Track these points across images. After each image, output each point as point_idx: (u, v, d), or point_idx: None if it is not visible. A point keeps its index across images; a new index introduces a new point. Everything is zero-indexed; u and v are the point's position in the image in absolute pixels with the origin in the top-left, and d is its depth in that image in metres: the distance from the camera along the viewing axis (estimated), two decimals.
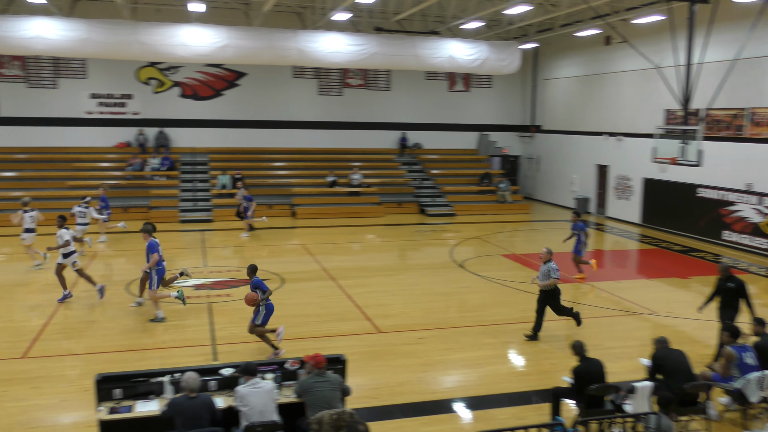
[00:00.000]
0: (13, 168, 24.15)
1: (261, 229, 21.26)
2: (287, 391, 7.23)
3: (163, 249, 11.93)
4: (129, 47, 18.72)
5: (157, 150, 25.93)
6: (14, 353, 10.01)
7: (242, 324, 11.56)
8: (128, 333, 11.05)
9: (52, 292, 13.21)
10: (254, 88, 27.10)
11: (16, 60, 24.66)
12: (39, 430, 7.65)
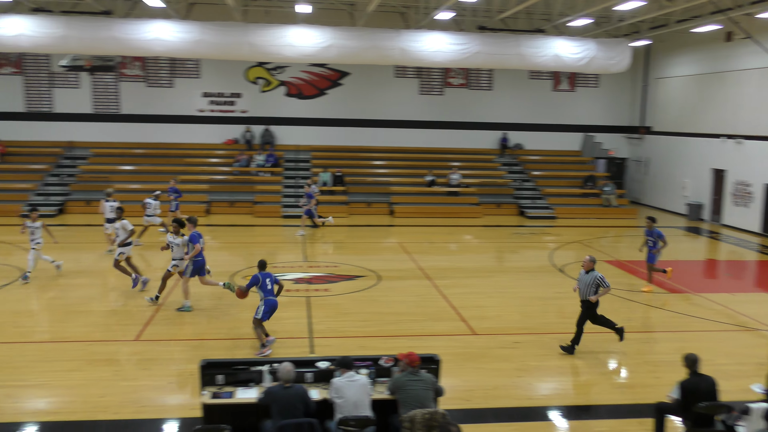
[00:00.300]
0: (132, 162, 25.77)
1: (360, 226, 21.57)
2: (380, 387, 7.28)
3: (266, 242, 12.31)
4: (239, 48, 19.49)
5: (262, 147, 26.90)
6: (128, 336, 10.66)
7: (339, 319, 11.79)
8: (231, 322, 11.49)
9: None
10: (356, 88, 27.53)
11: (136, 61, 26.34)
12: (148, 409, 8.09)
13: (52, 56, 25.58)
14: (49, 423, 7.68)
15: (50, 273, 14.29)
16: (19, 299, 12.64)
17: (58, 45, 19.02)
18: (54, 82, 26.30)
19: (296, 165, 26.59)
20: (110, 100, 26.58)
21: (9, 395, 8.34)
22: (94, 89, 26.47)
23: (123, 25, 18.93)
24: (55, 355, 9.80)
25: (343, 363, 6.97)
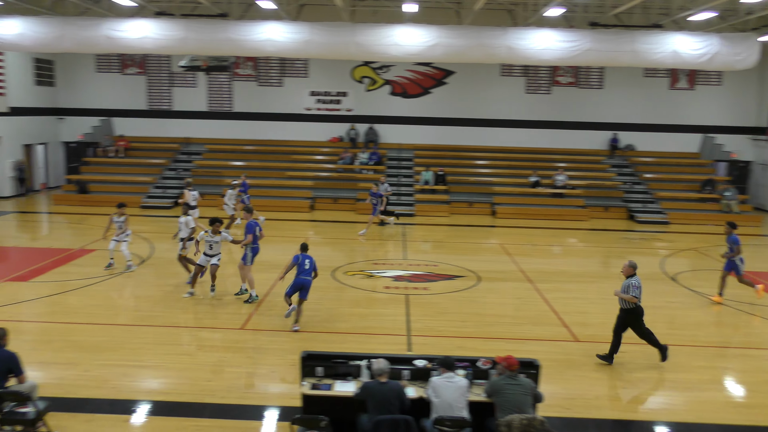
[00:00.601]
0: (242, 158, 26.88)
1: (461, 226, 21.40)
2: (477, 389, 7.17)
3: (367, 239, 12.44)
4: (346, 48, 19.83)
5: (366, 145, 27.29)
6: (234, 324, 11.12)
7: (437, 318, 11.75)
8: (332, 316, 11.72)
9: (271, 272, 14.49)
10: (461, 87, 27.35)
11: (249, 61, 27.45)
12: (251, 396, 8.40)
13: (172, 57, 27.17)
14: (160, 402, 8.14)
15: (167, 261, 15.15)
16: (138, 284, 13.48)
17: (178, 46, 20.11)
18: (173, 82, 27.91)
19: (399, 163, 26.77)
20: (224, 98, 27.88)
21: (125, 374, 8.92)
22: (210, 88, 27.86)
23: (237, 26, 19.76)
24: (167, 339, 10.38)
25: (444, 363, 6.93)
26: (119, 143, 27.06)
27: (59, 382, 8.52)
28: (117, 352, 9.74)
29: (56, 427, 7.19)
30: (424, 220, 22.73)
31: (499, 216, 23.73)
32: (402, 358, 7.74)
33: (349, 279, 14.29)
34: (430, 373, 7.26)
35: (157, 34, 19.68)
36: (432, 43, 19.44)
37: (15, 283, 13.32)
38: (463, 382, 6.84)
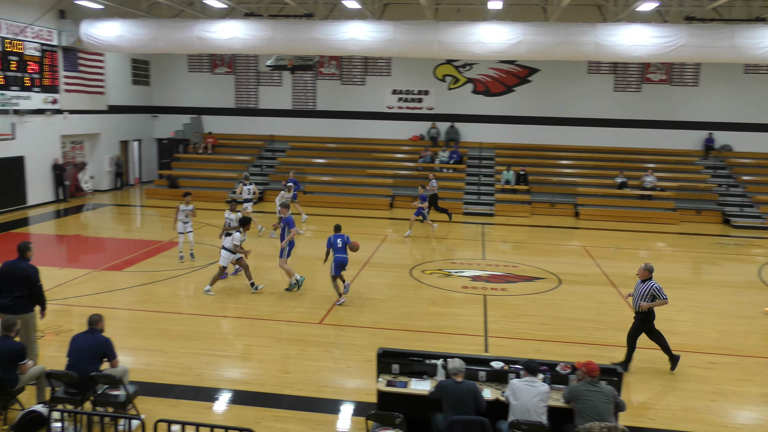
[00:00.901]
0: (324, 156, 27.32)
1: (542, 227, 20.96)
2: (555, 394, 6.99)
3: (445, 238, 12.37)
4: (429, 46, 19.81)
5: (447, 144, 27.15)
6: (313, 319, 11.31)
7: (515, 320, 11.54)
8: (408, 314, 11.73)
9: (350, 268, 14.65)
10: (546, 85, 26.76)
11: (333, 60, 27.87)
12: (327, 389, 8.52)
13: (259, 57, 27.96)
14: (240, 391, 8.38)
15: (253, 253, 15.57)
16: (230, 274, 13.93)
17: (265, 46, 20.70)
18: (260, 81, 28.72)
19: (479, 162, 26.48)
20: (308, 97, 28.44)
21: (209, 363, 9.24)
22: (294, 87, 28.49)
23: (322, 26, 20.12)
24: (248, 330, 10.69)
25: (528, 366, 6.80)
26: (208, 140, 28.12)
27: (147, 368, 8.93)
28: (201, 341, 10.12)
29: (144, 410, 7.53)
30: (504, 220, 22.38)
31: (582, 217, 23.06)
32: (478, 359, 7.65)
33: (427, 277, 14.26)
34: (507, 376, 7.14)
35: (246, 34, 20.33)
36: (516, 40, 19.15)
37: (110, 272, 14.08)
38: (544, 387, 6.67)
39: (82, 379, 7.07)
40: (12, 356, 7.16)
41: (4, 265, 8.35)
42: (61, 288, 12.73)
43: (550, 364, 7.41)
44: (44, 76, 22.25)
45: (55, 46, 22.68)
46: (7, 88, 20.35)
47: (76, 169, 25.01)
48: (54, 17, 22.32)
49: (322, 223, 20.15)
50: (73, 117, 23.91)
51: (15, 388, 7.23)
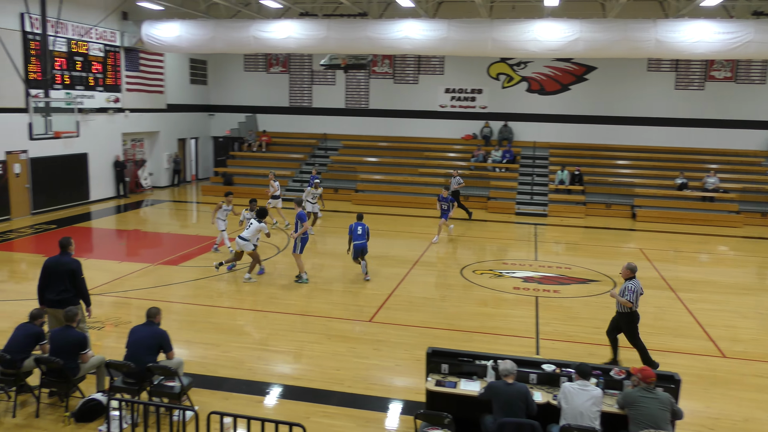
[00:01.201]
0: (376, 154, 27.40)
1: (597, 228, 20.51)
2: (609, 399, 6.82)
3: (497, 238, 12.23)
4: (483, 44, 19.62)
5: (500, 143, 26.85)
6: (363, 316, 11.35)
7: (568, 322, 11.32)
8: (458, 313, 11.65)
9: (400, 267, 14.68)
10: (603, 83, 26.17)
11: (386, 59, 27.92)
12: (376, 387, 8.53)
13: (313, 56, 28.24)
14: (290, 387, 8.47)
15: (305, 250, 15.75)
16: (274, 272, 14.11)
17: (320, 45, 20.89)
18: (314, 80, 29.00)
19: (533, 162, 26.09)
20: (361, 95, 28.57)
21: (261, 357, 9.38)
22: (347, 86, 28.65)
23: (376, 25, 20.18)
24: (299, 326, 10.80)
25: (580, 370, 6.65)
26: (262, 138, 28.58)
27: (201, 361, 9.13)
28: (253, 336, 10.29)
29: (197, 402, 7.69)
30: (558, 221, 21.99)
31: (639, 219, 22.45)
32: (529, 361, 7.53)
33: (478, 278, 14.13)
34: (560, 379, 7.00)
35: (300, 34, 20.56)
36: (573, 37, 18.79)
37: (166, 267, 14.46)
38: (597, 391, 6.52)
39: (140, 369, 7.28)
40: (74, 346, 7.43)
41: (49, 261, 8.58)
42: (120, 281, 13.15)
43: (603, 368, 7.23)
44: (107, 75, 23.02)
45: (117, 47, 23.43)
46: (72, 87, 21.13)
47: (135, 166, 25.79)
48: (117, 19, 23.06)
49: (375, 222, 20.19)
50: (133, 115, 24.66)
51: (76, 377, 7.50)
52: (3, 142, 18.74)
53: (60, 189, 21.15)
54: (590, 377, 6.70)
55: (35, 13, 17.59)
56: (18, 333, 7.66)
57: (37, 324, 7.74)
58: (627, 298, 8.93)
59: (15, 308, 10.93)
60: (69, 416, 7.32)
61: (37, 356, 7.49)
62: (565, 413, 6.42)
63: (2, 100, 18.50)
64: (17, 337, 7.62)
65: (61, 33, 20.23)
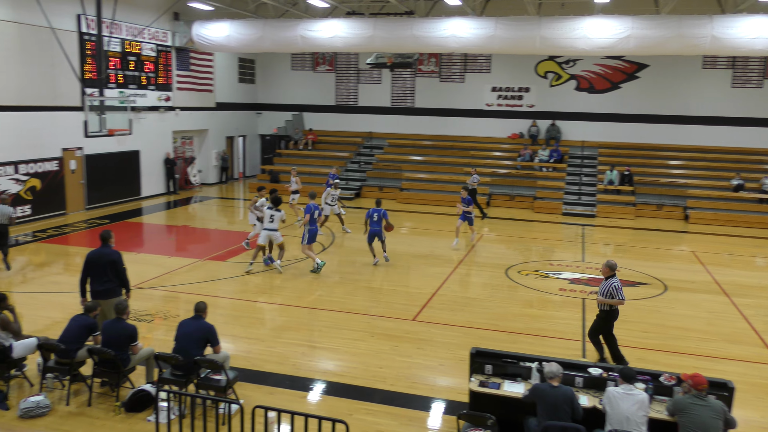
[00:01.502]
0: (421, 153, 27.34)
1: (647, 230, 20.05)
2: (657, 406, 6.65)
3: (543, 239, 12.05)
4: (531, 42, 19.36)
5: (547, 142, 26.47)
6: (407, 315, 11.33)
7: (617, 326, 11.01)
8: (503, 314, 11.53)
9: (444, 266, 14.62)
10: (655, 81, 25.52)
11: (432, 57, 27.82)
12: (419, 386, 8.51)
13: (359, 55, 28.34)
14: (334, 383, 8.52)
15: (348, 249, 15.85)
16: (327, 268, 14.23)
17: (366, 44, 20.95)
18: (360, 79, 29.11)
19: (581, 162, 25.62)
20: (406, 94, 28.55)
21: (305, 354, 9.46)
22: (393, 84, 28.67)
23: (422, 23, 20.12)
24: (343, 323, 10.85)
25: (624, 374, 6.50)
26: (308, 136, 28.83)
27: (246, 355, 9.26)
28: (298, 332, 10.38)
29: (242, 395, 7.81)
30: (606, 221, 21.55)
31: (692, 221, 21.82)
32: (575, 364, 7.39)
33: (523, 278, 13.96)
34: (606, 383, 6.86)
35: (347, 33, 20.66)
36: (625, 34, 18.38)
37: (214, 262, 14.72)
38: (643, 395, 6.36)
39: (187, 362, 7.43)
40: (125, 338, 7.63)
41: (92, 254, 8.83)
42: (169, 275, 13.45)
43: (653, 373, 7.05)
44: (159, 75, 23.57)
45: (169, 47, 23.97)
46: (125, 86, 21.71)
47: (185, 163, 26.35)
48: (169, 19, 23.58)
49: (420, 221, 20.19)
50: (183, 114, 25.19)
51: (127, 368, 7.71)
52: (60, 140, 19.41)
53: (113, 185, 21.77)
54: (635, 381, 6.54)
55: (91, 15, 18.12)
56: (72, 324, 7.91)
57: (92, 316, 7.97)
58: (620, 297, 8.87)
59: (69, 300, 11.29)
60: (119, 406, 7.52)
61: (90, 347, 7.72)
62: (611, 418, 6.30)
63: (60, 99, 19.16)
64: (72, 328, 7.87)
65: (116, 33, 20.79)
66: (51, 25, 16.49)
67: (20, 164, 18.10)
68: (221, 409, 7.26)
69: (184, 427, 6.33)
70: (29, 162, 18.41)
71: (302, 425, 5.94)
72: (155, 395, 7.10)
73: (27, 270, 14.02)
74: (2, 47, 17.25)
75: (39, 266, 14.32)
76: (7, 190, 17.45)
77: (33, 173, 18.55)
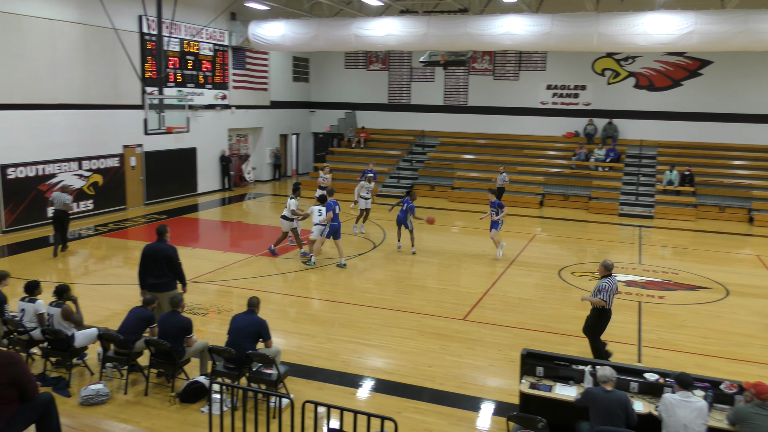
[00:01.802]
0: (474, 152, 27.11)
1: (709, 232, 19.38)
2: (717, 414, 6.41)
3: (599, 240, 11.77)
4: (588, 39, 18.94)
5: (603, 141, 25.87)
6: (457, 314, 11.26)
7: (673, 330, 10.75)
8: (555, 316, 11.33)
9: (496, 266, 14.47)
10: (720, 78, 24.60)
11: (486, 55, 27.55)
12: (468, 386, 8.44)
13: (412, 53, 28.30)
14: (383, 380, 8.53)
15: (402, 247, 15.86)
16: (370, 267, 14.28)
17: (419, 42, 20.89)
18: (412, 77, 29.07)
19: (639, 161, 24.94)
20: (459, 92, 28.36)
21: (355, 350, 9.51)
22: (446, 83, 28.52)
23: (476, 21, 19.93)
24: (393, 321, 10.86)
25: (681, 380, 6.29)
26: (361, 134, 28.97)
27: (297, 351, 9.36)
28: (348, 328, 10.44)
29: (293, 390, 7.90)
30: (665, 223, 20.93)
31: (757, 224, 20.98)
32: (630, 369, 7.20)
33: (577, 280, 13.69)
34: (663, 389, 6.65)
35: (401, 31, 20.65)
36: (687, 30, 17.80)
37: (266, 258, 14.94)
38: (702, 403, 6.14)
39: (240, 356, 7.56)
40: (180, 330, 7.82)
41: (149, 248, 9.06)
42: (223, 270, 13.72)
43: (713, 381, 6.80)
44: (216, 74, 24.07)
45: (225, 46, 24.45)
46: (183, 85, 22.26)
47: (240, 160, 26.84)
48: (226, 19, 24.05)
49: (471, 220, 20.03)
50: (239, 112, 25.66)
51: (182, 359, 7.89)
52: (121, 137, 20.05)
53: (170, 181, 22.37)
54: (692, 388, 6.32)
55: (152, 15, 18.63)
56: (131, 316, 8.15)
57: (150, 309, 8.20)
58: (601, 297, 8.70)
59: (128, 292, 11.65)
60: (174, 396, 7.71)
61: (147, 338, 7.94)
62: (668, 426, 6.10)
63: (121, 98, 19.79)
64: (130, 319, 8.11)
65: (175, 33, 21.33)
66: (114, 26, 17.03)
67: (83, 160, 18.78)
68: (272, 402, 7.36)
69: (236, 420, 6.44)
70: (92, 158, 19.09)
71: (351, 421, 5.96)
72: (208, 387, 7.25)
73: (89, 262, 14.55)
74: (68, 48, 17.94)
75: (100, 259, 14.83)
76: (71, 185, 18.13)
77: (95, 169, 19.23)
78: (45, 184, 17.46)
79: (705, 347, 10.03)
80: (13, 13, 16.29)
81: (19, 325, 8.23)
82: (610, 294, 8.74)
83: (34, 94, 17.14)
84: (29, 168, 17.12)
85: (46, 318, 8.15)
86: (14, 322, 8.25)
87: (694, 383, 6.44)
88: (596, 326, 8.98)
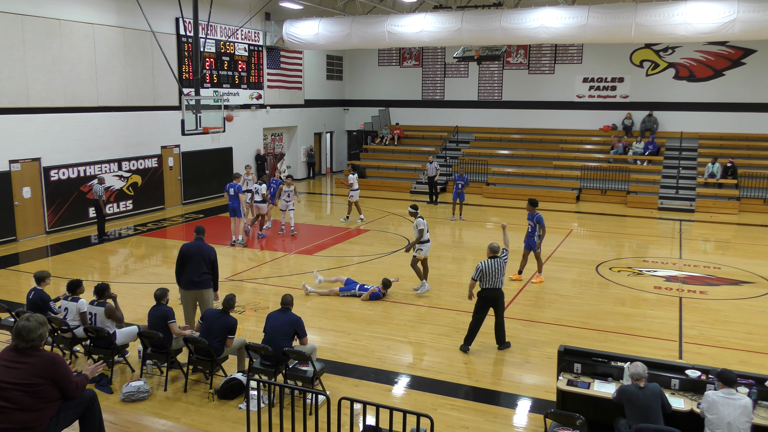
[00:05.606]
0: (509, 147, 26.87)
1: (753, 226, 18.85)
2: (762, 412, 6.24)
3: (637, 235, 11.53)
4: (626, 30, 18.59)
5: (642, 134, 25.36)
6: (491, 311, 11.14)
7: (716, 326, 10.50)
8: (594, 312, 11.16)
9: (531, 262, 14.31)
10: (763, 67, 23.89)
11: (521, 49, 27.25)
12: (505, 383, 8.37)
13: (446, 49, 28.16)
14: (418, 377, 8.52)
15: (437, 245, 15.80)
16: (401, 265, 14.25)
17: (453, 38, 20.78)
18: (446, 73, 28.93)
19: (679, 154, 24.38)
20: (494, 87, 28.12)
21: (390, 347, 9.51)
22: (480, 78, 28.31)
23: (510, 15, 19.73)
24: (428, 318, 10.83)
25: (723, 377, 6.13)
26: (395, 131, 28.96)
27: (333, 348, 9.41)
28: (383, 325, 10.45)
29: (329, 387, 7.94)
30: (706, 216, 20.43)
31: None
32: (671, 366, 7.05)
33: (615, 275, 13.46)
34: (705, 386, 6.50)
35: (434, 27, 20.56)
36: (729, 18, 17.34)
37: (302, 256, 15.05)
38: (746, 400, 5.97)
39: (276, 353, 7.63)
40: (226, 330, 7.93)
41: (189, 247, 9.20)
42: (259, 268, 13.87)
43: (758, 377, 6.62)
44: (251, 74, 24.32)
45: (260, 46, 24.68)
46: (219, 85, 22.55)
47: (275, 159, 27.08)
48: (260, 19, 24.29)
49: (507, 216, 19.85)
50: (274, 111, 25.89)
51: (220, 357, 8.01)
52: (159, 138, 20.41)
53: (207, 181, 22.69)
54: (735, 385, 6.15)
55: (188, 17, 18.91)
56: (154, 315, 8.24)
57: (164, 302, 8.31)
58: (471, 276, 9.29)
59: None
60: (213, 393, 7.82)
61: (186, 336, 8.06)
62: (711, 424, 5.95)
63: (160, 99, 20.14)
64: (154, 320, 8.22)
65: (211, 35, 21.62)
66: (152, 29, 17.34)
67: (123, 161, 19.19)
68: (308, 399, 7.41)
69: (273, 416, 6.50)
70: (131, 159, 19.49)
71: (387, 418, 5.96)
72: (246, 384, 7.33)
73: (128, 262, 14.86)
74: (108, 51, 18.33)
75: (140, 258, 15.13)
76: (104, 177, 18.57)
77: (135, 170, 19.62)
78: (86, 185, 17.88)
79: (749, 343, 9.77)
80: (55, 18, 16.71)
81: (62, 324, 8.45)
82: (477, 272, 9.28)
83: (76, 97, 17.57)
84: (71, 170, 17.57)
85: (88, 317, 8.35)
86: (58, 320, 8.47)
87: (737, 380, 6.27)
88: (484, 308, 9.36)
